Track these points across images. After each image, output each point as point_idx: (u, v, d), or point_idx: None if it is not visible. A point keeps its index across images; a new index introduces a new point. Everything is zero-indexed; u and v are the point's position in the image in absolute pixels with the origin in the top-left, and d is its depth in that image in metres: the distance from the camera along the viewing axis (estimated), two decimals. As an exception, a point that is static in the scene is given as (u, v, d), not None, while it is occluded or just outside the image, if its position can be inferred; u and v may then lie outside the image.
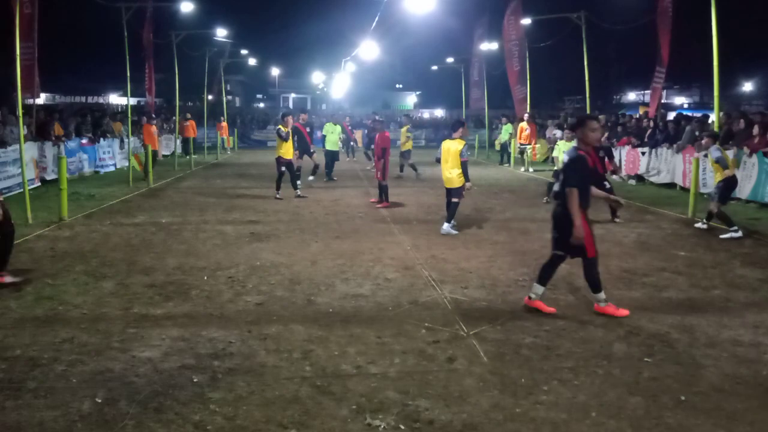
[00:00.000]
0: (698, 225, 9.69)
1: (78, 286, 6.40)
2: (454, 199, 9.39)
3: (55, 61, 34.19)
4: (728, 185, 9.43)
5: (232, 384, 4.14)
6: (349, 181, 16.69)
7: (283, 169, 13.20)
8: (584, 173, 5.47)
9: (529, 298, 5.73)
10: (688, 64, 30.65)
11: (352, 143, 21.22)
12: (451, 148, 9.30)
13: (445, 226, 9.37)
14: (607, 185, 10.57)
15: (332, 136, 17.10)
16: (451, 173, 9.33)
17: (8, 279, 6.35)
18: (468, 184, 9.37)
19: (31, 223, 9.69)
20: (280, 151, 13.15)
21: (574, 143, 11.72)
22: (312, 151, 15.41)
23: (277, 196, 13.03)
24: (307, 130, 15.58)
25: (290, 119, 13.65)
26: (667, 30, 16.57)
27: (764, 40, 32.03)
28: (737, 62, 33.11)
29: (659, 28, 16.82)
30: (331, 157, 17.02)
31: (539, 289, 5.69)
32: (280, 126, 13.31)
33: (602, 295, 5.60)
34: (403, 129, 18.12)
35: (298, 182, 13.69)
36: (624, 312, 5.56)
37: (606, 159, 10.60)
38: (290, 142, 13.19)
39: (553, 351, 4.75)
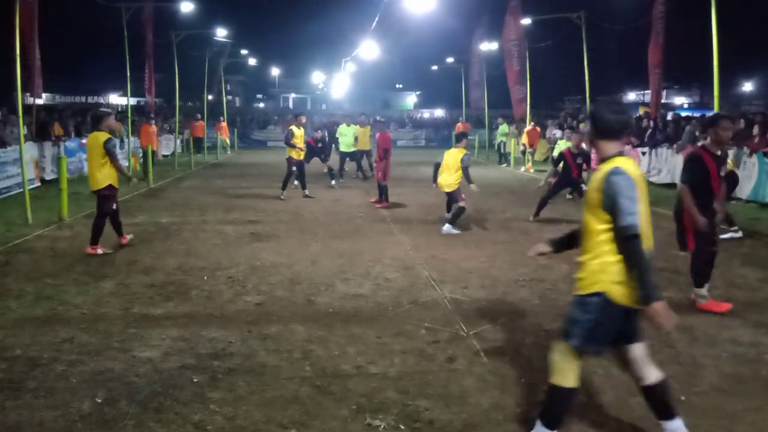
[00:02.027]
0: None
1: (78, 286, 6.40)
2: (460, 204, 9.48)
3: (55, 61, 34.10)
4: (729, 181, 9.46)
5: (232, 384, 4.14)
6: (349, 181, 16.68)
7: (294, 168, 13.12)
8: (694, 171, 5.56)
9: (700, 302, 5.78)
10: (687, 64, 30.67)
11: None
12: (453, 155, 9.58)
13: (446, 226, 9.40)
14: (584, 187, 10.60)
15: (346, 138, 16.38)
16: (448, 178, 9.55)
17: (100, 251, 7.79)
18: (473, 186, 9.60)
19: (31, 223, 9.68)
20: (290, 152, 13.02)
21: (572, 143, 11.75)
22: (323, 156, 15.27)
23: (282, 197, 12.93)
24: (319, 146, 15.35)
25: (303, 118, 13.58)
26: (658, 34, 16.60)
27: (764, 40, 32.05)
28: (737, 62, 33.11)
29: (651, 31, 16.86)
30: (345, 158, 16.78)
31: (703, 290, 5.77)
32: (292, 126, 13.09)
33: (703, 291, 5.69)
34: (366, 128, 17.12)
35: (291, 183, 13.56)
36: (727, 306, 5.63)
37: (583, 164, 10.65)
38: (299, 141, 13.02)
39: (553, 351, 4.74)
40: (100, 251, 7.80)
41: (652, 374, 3.26)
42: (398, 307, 5.79)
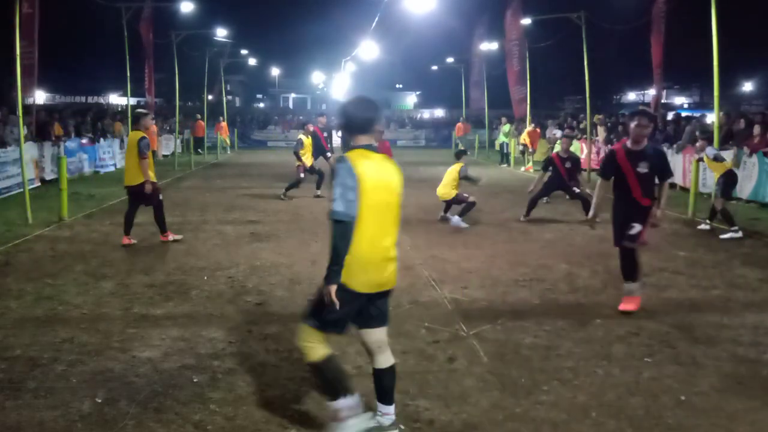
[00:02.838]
0: (702, 227, 9.65)
1: (78, 286, 6.40)
2: (470, 200, 10.02)
3: (55, 61, 34.17)
4: (729, 180, 9.52)
5: (232, 384, 4.14)
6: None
7: (302, 176, 13.04)
8: (606, 167, 5.74)
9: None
10: (687, 64, 30.67)
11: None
12: (453, 169, 10.20)
13: (455, 218, 9.88)
14: (576, 190, 10.54)
15: None
16: (443, 188, 10.19)
17: (171, 237, 8.55)
18: (482, 180, 10.75)
19: (31, 223, 9.68)
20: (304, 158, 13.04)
21: (561, 147, 11.91)
22: (329, 155, 15.25)
23: (282, 197, 12.90)
24: (325, 135, 15.31)
25: (311, 126, 13.59)
26: (660, 33, 16.57)
27: (764, 40, 32.05)
28: (737, 62, 33.12)
29: (652, 31, 16.84)
30: None
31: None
32: (301, 136, 13.10)
33: (631, 286, 5.72)
34: None
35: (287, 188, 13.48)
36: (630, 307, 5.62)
37: (572, 168, 10.68)
38: (307, 150, 13.01)
39: (553, 351, 4.75)
40: (171, 238, 8.51)
41: (383, 360, 3.45)
42: (398, 307, 5.79)
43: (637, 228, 5.52)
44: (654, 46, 16.93)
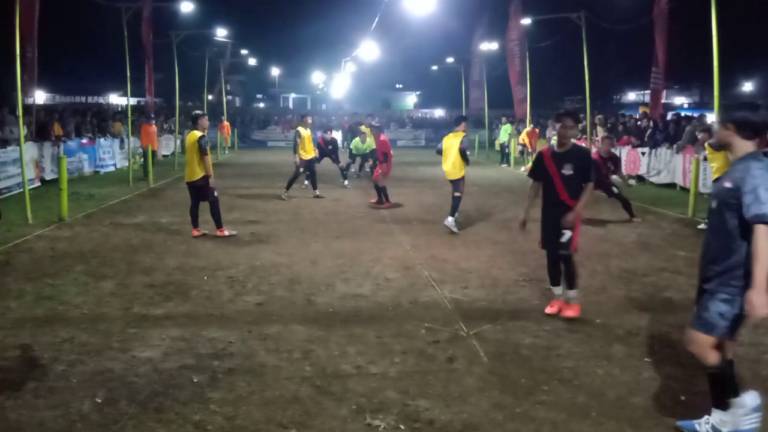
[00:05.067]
0: (702, 227, 9.64)
1: (78, 286, 6.40)
2: (456, 193, 9.52)
3: (55, 61, 34.15)
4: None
5: (232, 384, 4.14)
6: (350, 180, 16.65)
7: (302, 169, 13.01)
8: (536, 169, 5.71)
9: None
10: (687, 64, 30.66)
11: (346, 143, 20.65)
12: (452, 140, 9.48)
13: (449, 219, 9.50)
14: (615, 190, 10.60)
15: (364, 144, 16.53)
16: (450, 166, 9.51)
17: (227, 232, 9.00)
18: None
19: (31, 223, 9.68)
20: (301, 153, 12.89)
21: (602, 148, 11.60)
22: (334, 157, 15.29)
23: (283, 197, 12.88)
24: (330, 148, 15.32)
25: (309, 119, 13.52)
26: (664, 32, 16.55)
27: (764, 40, 32.03)
28: (737, 62, 33.08)
29: (656, 29, 16.82)
30: (354, 159, 17.11)
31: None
32: (299, 128, 12.97)
33: (570, 293, 5.60)
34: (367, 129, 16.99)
35: (290, 184, 13.46)
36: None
37: (614, 167, 10.73)
38: (306, 143, 12.87)
39: (553, 351, 4.75)
40: (227, 233, 8.95)
41: None
42: (398, 307, 5.79)
43: (567, 234, 5.40)
44: (659, 45, 16.88)
